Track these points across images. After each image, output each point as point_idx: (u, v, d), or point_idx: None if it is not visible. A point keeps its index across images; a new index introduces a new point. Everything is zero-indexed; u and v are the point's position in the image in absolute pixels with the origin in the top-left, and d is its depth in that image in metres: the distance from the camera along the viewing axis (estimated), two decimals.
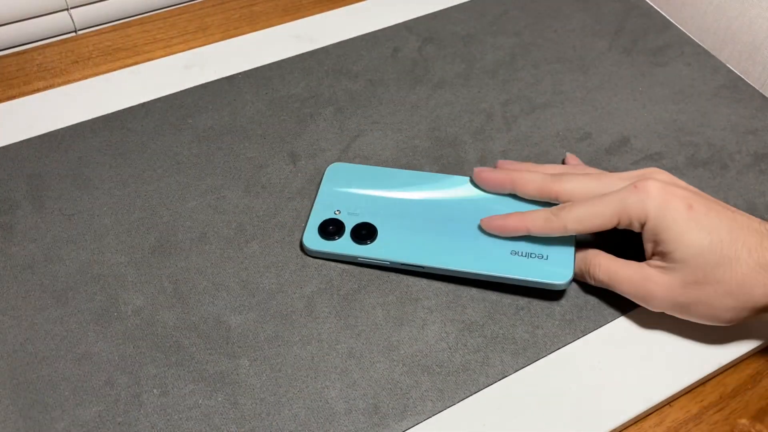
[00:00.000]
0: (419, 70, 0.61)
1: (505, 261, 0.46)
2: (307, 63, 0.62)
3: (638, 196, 0.42)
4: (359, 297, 0.47)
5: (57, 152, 0.55)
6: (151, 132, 0.56)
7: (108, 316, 0.46)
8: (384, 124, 0.57)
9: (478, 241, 0.47)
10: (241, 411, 0.42)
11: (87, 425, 0.41)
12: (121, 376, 0.43)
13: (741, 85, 0.61)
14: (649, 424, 0.44)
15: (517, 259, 0.46)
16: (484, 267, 0.46)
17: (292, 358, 0.44)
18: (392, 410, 0.42)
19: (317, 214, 0.50)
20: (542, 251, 0.46)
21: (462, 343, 0.45)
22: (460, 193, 0.51)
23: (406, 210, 0.50)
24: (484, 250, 0.47)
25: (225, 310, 0.46)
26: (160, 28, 0.65)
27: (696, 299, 0.42)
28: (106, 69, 0.61)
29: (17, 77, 0.61)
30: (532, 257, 0.46)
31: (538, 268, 0.46)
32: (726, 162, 0.55)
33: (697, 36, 0.70)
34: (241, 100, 0.59)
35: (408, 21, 0.65)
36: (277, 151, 0.55)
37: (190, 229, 0.50)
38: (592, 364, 0.45)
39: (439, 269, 0.47)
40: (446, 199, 0.50)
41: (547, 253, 0.46)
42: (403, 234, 0.48)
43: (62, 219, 0.51)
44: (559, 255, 0.46)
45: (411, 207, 0.50)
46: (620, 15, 0.67)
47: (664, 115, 0.59)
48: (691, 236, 0.41)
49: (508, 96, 0.60)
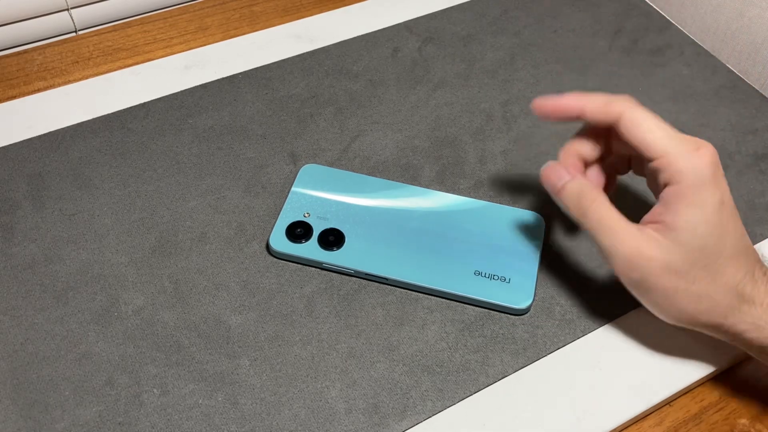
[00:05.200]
0: (419, 70, 0.61)
1: (468, 280, 0.47)
2: (307, 63, 0.62)
3: (691, 155, 0.39)
4: (359, 297, 0.47)
5: (57, 152, 0.55)
6: (151, 132, 0.56)
7: (108, 316, 0.46)
8: (384, 124, 0.57)
9: (444, 257, 0.48)
10: (241, 411, 0.42)
11: (87, 425, 0.41)
12: (121, 376, 0.43)
13: (741, 85, 0.61)
14: (649, 424, 0.44)
15: (479, 280, 0.47)
16: (447, 285, 0.47)
17: (292, 358, 0.44)
18: (392, 410, 0.42)
19: (286, 216, 0.50)
20: (505, 274, 0.47)
21: (462, 343, 0.45)
22: (432, 205, 0.51)
23: (375, 219, 0.50)
24: (449, 267, 0.47)
25: (225, 310, 0.46)
26: (160, 28, 0.65)
27: (664, 287, 0.40)
28: (106, 69, 0.61)
29: (17, 77, 0.61)
30: (495, 279, 0.47)
31: (499, 291, 0.46)
32: (726, 162, 0.55)
33: (697, 36, 0.70)
34: (241, 100, 0.59)
35: (408, 21, 0.65)
36: (277, 151, 0.55)
37: (190, 229, 0.50)
38: (592, 364, 0.45)
39: (402, 282, 0.47)
40: (417, 210, 0.50)
41: (510, 276, 0.47)
42: (370, 243, 0.48)
43: (62, 219, 0.51)
44: (522, 279, 0.47)
45: (381, 216, 0.50)
46: (620, 15, 0.67)
47: (664, 115, 0.58)
48: (705, 229, 0.39)
49: (508, 96, 0.60)
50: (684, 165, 0.39)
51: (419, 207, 0.50)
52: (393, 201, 0.51)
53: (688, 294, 0.40)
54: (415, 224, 0.50)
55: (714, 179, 0.39)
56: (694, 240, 0.39)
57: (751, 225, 0.51)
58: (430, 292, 0.47)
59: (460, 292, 0.46)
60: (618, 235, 0.40)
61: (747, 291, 0.40)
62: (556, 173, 0.44)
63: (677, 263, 0.39)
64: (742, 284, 0.40)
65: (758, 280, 0.40)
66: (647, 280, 0.40)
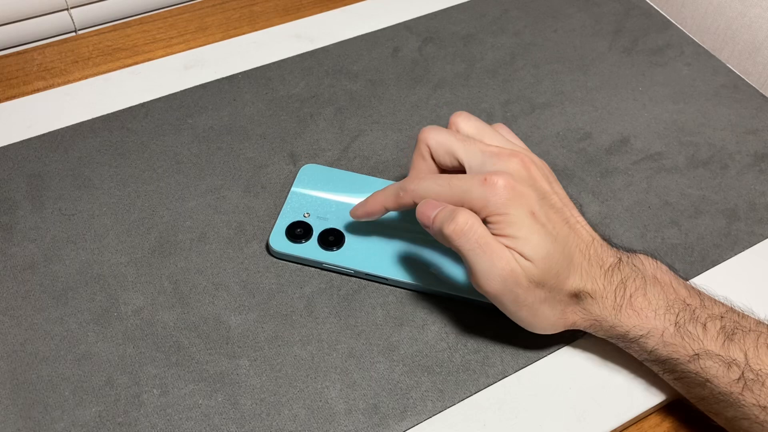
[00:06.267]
0: (419, 70, 0.61)
1: (467, 281, 0.47)
2: (307, 63, 0.62)
3: (483, 189, 0.41)
4: (359, 297, 0.47)
5: (57, 152, 0.55)
6: (151, 132, 0.56)
7: (108, 316, 0.46)
8: (384, 124, 0.57)
9: (443, 258, 0.48)
10: (241, 411, 0.42)
11: (87, 425, 0.41)
12: (121, 376, 0.43)
13: (741, 85, 0.61)
14: (649, 424, 0.44)
15: None
16: (447, 285, 0.47)
17: (292, 358, 0.44)
18: (392, 410, 0.42)
19: (286, 216, 0.50)
20: None
21: (462, 343, 0.45)
22: None
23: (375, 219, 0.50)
24: (448, 269, 0.47)
25: (225, 310, 0.46)
26: (160, 28, 0.65)
27: (527, 299, 0.41)
28: (106, 69, 0.61)
29: (17, 77, 0.61)
30: None
31: None
32: (726, 162, 0.55)
33: (697, 36, 0.70)
34: (241, 100, 0.59)
35: (408, 21, 0.65)
36: (277, 151, 0.55)
37: (190, 229, 0.50)
38: (592, 364, 0.45)
39: (402, 283, 0.47)
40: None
41: None
42: (370, 243, 0.48)
43: (62, 219, 0.51)
44: None
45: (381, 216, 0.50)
46: (620, 15, 0.67)
47: (664, 115, 0.59)
48: (539, 238, 0.40)
49: (508, 96, 0.60)
50: (481, 201, 0.41)
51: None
52: None
53: (547, 302, 0.41)
54: (414, 225, 0.49)
55: (513, 197, 0.40)
56: (537, 250, 0.40)
57: (751, 225, 0.51)
58: (430, 292, 0.47)
59: (460, 293, 0.46)
60: (494, 255, 0.40)
61: (588, 288, 0.41)
62: (429, 207, 0.43)
63: (534, 275, 0.40)
64: (589, 282, 0.41)
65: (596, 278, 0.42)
66: (518, 295, 0.41)
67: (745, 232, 0.51)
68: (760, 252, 0.50)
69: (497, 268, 0.40)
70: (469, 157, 0.43)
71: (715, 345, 0.39)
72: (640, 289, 0.41)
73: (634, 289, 0.41)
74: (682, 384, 0.41)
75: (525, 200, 0.41)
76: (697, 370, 0.39)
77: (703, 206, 0.53)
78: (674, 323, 0.40)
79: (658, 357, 0.41)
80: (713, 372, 0.39)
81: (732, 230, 0.51)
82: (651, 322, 0.40)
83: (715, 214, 0.52)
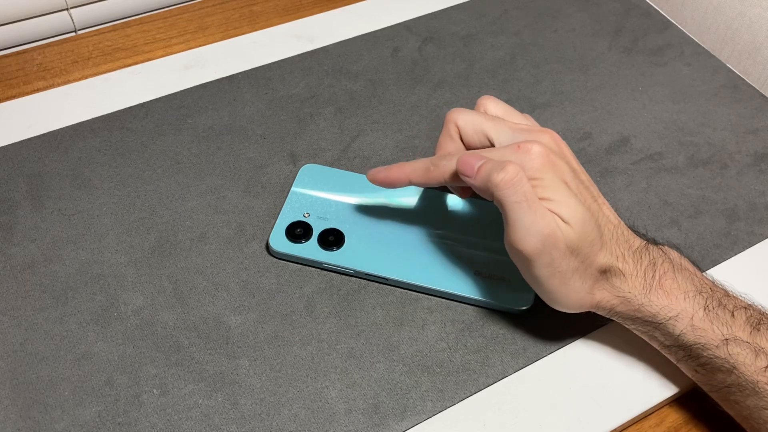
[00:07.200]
0: (419, 70, 0.61)
1: (468, 281, 0.47)
2: (307, 63, 0.62)
3: (518, 155, 0.41)
4: (359, 297, 0.47)
5: (57, 152, 0.55)
6: (151, 132, 0.56)
7: (108, 316, 0.46)
8: (384, 124, 0.57)
9: (444, 257, 0.48)
10: (241, 411, 0.42)
11: (87, 425, 0.41)
12: (121, 376, 0.43)
13: (741, 85, 0.61)
14: (649, 424, 0.44)
15: (480, 280, 0.47)
16: (447, 285, 0.47)
17: (292, 358, 0.44)
18: (392, 410, 0.42)
19: (286, 216, 0.50)
20: (506, 274, 0.47)
21: (462, 343, 0.45)
22: (432, 205, 0.51)
23: (375, 219, 0.50)
24: (449, 267, 0.47)
25: (225, 310, 0.46)
26: (160, 28, 0.65)
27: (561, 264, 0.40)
28: (106, 69, 0.61)
29: (17, 77, 0.61)
30: (495, 279, 0.47)
31: (499, 291, 0.46)
32: (726, 162, 0.55)
33: (697, 36, 0.70)
34: (241, 100, 0.59)
35: (408, 21, 0.65)
36: (277, 151, 0.55)
37: (190, 229, 0.50)
38: (592, 364, 0.45)
39: (402, 282, 0.47)
40: (417, 210, 0.50)
41: (510, 277, 0.47)
42: (370, 243, 0.48)
43: (62, 219, 0.51)
44: (522, 279, 0.44)
45: (381, 216, 0.50)
46: (620, 15, 0.67)
47: (664, 115, 0.59)
48: (575, 202, 0.40)
49: (508, 96, 0.60)
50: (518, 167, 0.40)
51: (419, 207, 0.50)
52: (393, 201, 0.51)
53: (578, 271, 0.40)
54: (415, 224, 0.50)
55: (547, 164, 0.40)
56: (575, 213, 0.40)
57: (751, 225, 0.51)
58: (430, 292, 0.47)
59: (461, 293, 0.46)
60: (538, 212, 0.40)
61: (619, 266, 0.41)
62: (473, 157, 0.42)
63: (571, 239, 0.39)
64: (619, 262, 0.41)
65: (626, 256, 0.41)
66: (554, 258, 0.40)
67: (745, 232, 0.51)
68: (760, 252, 0.50)
69: (539, 225, 0.39)
70: (499, 134, 0.43)
71: (744, 332, 0.39)
72: (669, 272, 0.41)
73: (663, 272, 0.41)
74: (705, 371, 0.41)
75: (558, 168, 0.41)
76: (726, 356, 0.39)
77: (703, 206, 0.53)
78: (704, 307, 0.40)
79: (685, 342, 0.40)
80: (741, 359, 0.39)
81: (732, 230, 0.51)
82: (681, 304, 0.40)
83: (715, 214, 0.52)
